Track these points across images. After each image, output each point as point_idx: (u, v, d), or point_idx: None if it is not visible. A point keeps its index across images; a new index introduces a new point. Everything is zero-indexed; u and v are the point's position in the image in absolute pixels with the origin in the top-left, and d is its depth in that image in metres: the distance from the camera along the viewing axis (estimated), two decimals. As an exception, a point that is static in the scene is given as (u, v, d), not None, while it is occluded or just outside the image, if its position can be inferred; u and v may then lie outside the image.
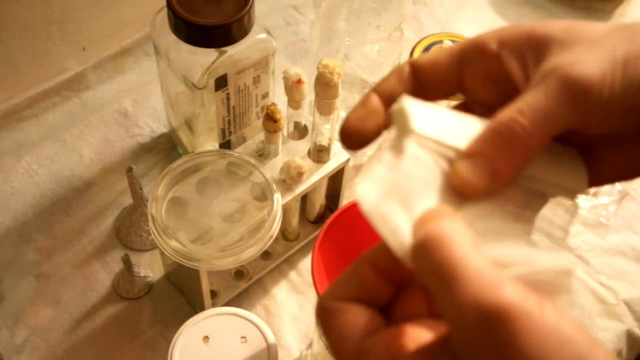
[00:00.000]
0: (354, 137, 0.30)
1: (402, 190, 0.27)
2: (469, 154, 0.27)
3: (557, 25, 0.28)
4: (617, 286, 0.64)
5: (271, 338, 0.49)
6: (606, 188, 0.71)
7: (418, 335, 0.26)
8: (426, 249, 0.23)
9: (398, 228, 0.26)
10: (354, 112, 0.31)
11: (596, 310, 0.63)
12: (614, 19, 0.88)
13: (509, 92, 0.29)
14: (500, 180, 0.27)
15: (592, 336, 0.22)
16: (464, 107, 0.32)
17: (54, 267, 0.62)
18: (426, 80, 0.31)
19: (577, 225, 0.68)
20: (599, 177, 0.30)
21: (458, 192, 0.27)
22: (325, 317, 0.27)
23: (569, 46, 0.27)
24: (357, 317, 0.27)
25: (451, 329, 0.23)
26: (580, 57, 0.26)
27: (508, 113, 0.27)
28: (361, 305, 0.27)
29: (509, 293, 0.21)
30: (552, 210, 0.29)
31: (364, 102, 0.31)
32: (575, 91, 0.26)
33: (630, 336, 0.62)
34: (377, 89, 0.31)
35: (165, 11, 0.56)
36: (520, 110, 0.26)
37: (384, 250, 0.27)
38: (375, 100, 0.31)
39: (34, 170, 0.68)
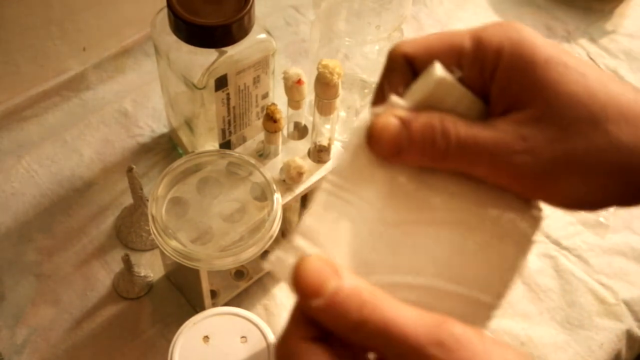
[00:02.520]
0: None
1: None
2: (401, 118, 0.28)
3: (543, 50, 0.28)
4: (617, 286, 0.64)
5: (271, 338, 0.49)
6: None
7: None
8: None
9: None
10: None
11: (596, 310, 0.63)
12: (614, 19, 0.88)
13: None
14: (402, 156, 0.28)
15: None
16: None
17: (54, 267, 0.62)
18: (421, 68, 0.30)
19: (577, 225, 0.69)
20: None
21: (367, 137, 0.28)
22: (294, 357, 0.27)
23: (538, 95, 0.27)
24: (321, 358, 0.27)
25: None
26: (532, 135, 0.27)
27: (450, 122, 0.28)
28: (321, 346, 0.27)
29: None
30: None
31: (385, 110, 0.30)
32: (501, 164, 0.28)
33: (630, 336, 0.63)
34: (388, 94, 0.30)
35: (165, 11, 0.56)
36: (457, 131, 0.28)
37: None
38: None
39: (34, 170, 0.68)
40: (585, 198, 0.28)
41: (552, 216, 0.68)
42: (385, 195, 0.29)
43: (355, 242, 0.28)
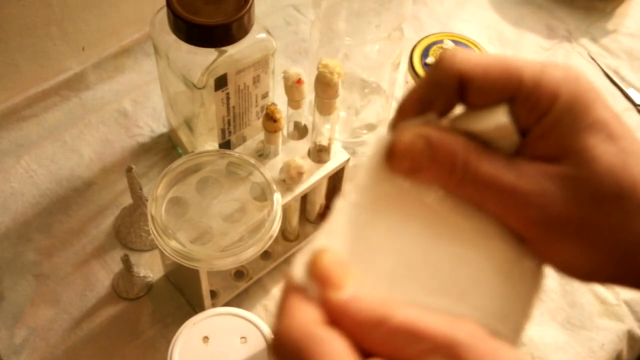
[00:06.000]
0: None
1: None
2: (428, 140, 0.28)
3: (601, 114, 0.27)
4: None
5: (271, 338, 0.48)
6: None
7: None
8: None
9: None
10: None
11: (597, 311, 0.63)
12: (615, 19, 0.88)
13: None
14: (418, 174, 0.28)
15: None
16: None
17: (54, 267, 0.62)
18: (473, 91, 0.29)
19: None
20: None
21: (387, 153, 0.28)
22: (311, 344, 0.24)
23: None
24: (344, 345, 0.24)
25: None
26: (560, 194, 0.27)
27: (473, 155, 0.28)
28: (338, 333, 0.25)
29: None
30: None
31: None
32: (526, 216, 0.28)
33: (631, 336, 0.62)
34: (407, 103, 0.30)
35: (165, 11, 0.56)
36: (477, 165, 0.28)
37: None
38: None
39: (34, 170, 0.68)
40: (578, 269, 0.28)
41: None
42: (404, 211, 0.29)
43: (373, 259, 0.28)
